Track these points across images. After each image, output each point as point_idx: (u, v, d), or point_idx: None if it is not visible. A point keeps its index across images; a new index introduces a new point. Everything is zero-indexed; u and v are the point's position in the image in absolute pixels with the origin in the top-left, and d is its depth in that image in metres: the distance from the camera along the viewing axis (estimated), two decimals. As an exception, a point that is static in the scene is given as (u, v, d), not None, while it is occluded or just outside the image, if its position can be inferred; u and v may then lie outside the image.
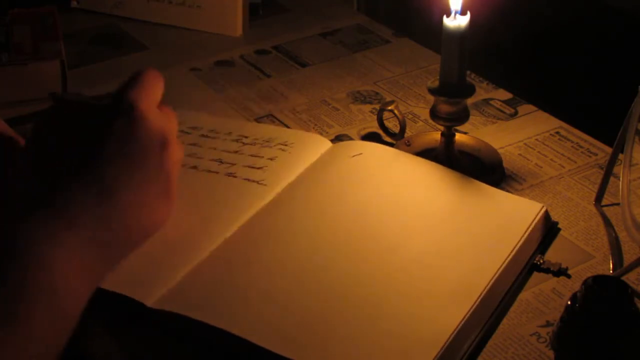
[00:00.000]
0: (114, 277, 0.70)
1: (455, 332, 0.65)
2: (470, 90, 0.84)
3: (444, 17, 0.81)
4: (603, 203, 0.83)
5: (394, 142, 0.91)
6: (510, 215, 0.77)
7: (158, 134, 0.68)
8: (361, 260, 0.72)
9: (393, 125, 0.92)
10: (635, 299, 0.63)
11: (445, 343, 0.64)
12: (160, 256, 0.72)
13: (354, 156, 0.84)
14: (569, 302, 0.64)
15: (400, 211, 0.78)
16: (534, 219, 0.76)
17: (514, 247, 0.73)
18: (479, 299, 0.68)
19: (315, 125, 0.96)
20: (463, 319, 0.66)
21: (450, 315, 0.66)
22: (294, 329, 0.65)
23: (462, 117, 0.85)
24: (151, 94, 0.70)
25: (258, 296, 0.68)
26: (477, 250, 0.73)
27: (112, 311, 0.68)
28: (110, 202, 0.66)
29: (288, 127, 0.95)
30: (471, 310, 0.67)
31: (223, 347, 0.65)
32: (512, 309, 0.71)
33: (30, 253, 0.60)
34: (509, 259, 0.72)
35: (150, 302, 0.67)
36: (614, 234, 0.79)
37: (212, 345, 0.66)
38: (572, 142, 0.92)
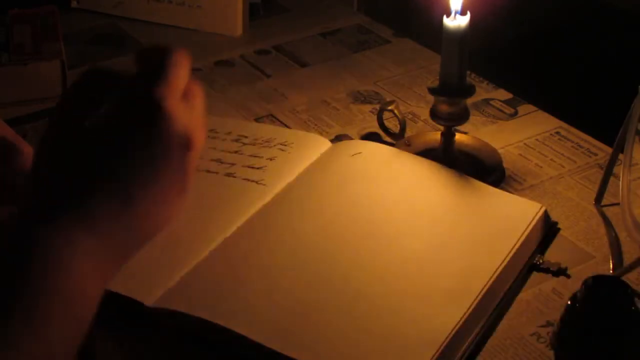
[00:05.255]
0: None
1: (454, 331, 0.65)
2: (470, 90, 0.84)
3: (444, 17, 0.81)
4: (603, 203, 0.83)
5: (394, 142, 0.91)
6: (509, 215, 0.77)
7: (182, 134, 0.64)
8: (360, 259, 0.72)
9: (393, 125, 0.92)
10: (636, 299, 0.63)
11: (443, 342, 0.64)
12: (160, 256, 0.72)
13: (353, 155, 0.84)
14: (569, 302, 0.63)
15: (399, 210, 0.78)
16: (533, 219, 0.76)
17: (513, 247, 0.73)
18: (478, 299, 0.68)
19: (315, 125, 0.96)
20: (462, 318, 0.66)
21: (449, 314, 0.66)
22: (292, 327, 0.65)
23: (462, 117, 0.85)
24: (177, 86, 0.64)
25: (257, 294, 0.68)
26: (476, 249, 0.73)
27: (112, 311, 0.68)
28: (132, 209, 0.64)
29: (288, 127, 0.95)
30: (470, 310, 0.67)
31: (223, 345, 0.65)
32: (511, 309, 0.71)
33: (51, 256, 0.60)
34: (507, 259, 0.72)
35: (150, 302, 0.67)
36: (614, 234, 0.79)
37: (211, 344, 0.66)
38: (572, 142, 0.92)
